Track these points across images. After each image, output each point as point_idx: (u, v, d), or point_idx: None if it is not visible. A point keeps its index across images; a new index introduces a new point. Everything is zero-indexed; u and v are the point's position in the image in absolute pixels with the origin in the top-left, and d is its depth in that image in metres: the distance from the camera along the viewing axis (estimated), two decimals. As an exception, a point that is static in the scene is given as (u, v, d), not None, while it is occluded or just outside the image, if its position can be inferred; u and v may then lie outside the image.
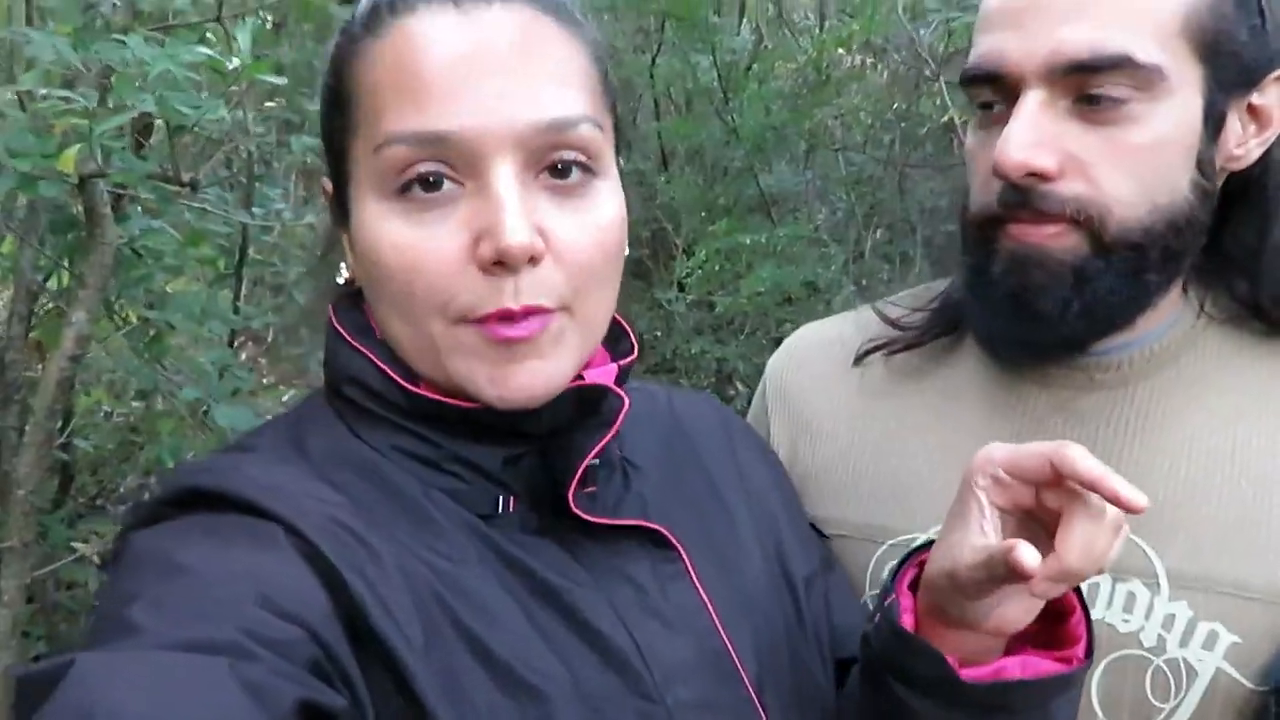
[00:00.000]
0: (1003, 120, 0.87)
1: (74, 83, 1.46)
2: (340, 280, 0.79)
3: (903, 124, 4.59)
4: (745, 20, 5.28)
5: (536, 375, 0.69)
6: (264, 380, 2.52)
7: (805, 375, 1.11)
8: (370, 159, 0.68)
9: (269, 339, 2.57)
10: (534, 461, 0.74)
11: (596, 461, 0.74)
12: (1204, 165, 0.88)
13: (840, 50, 4.77)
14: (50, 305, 2.04)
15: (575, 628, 0.71)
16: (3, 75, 1.32)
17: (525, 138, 0.67)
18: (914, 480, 1.00)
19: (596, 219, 0.71)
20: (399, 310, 0.70)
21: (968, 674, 0.72)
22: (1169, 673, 0.89)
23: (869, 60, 5.03)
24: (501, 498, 0.74)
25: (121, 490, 3.29)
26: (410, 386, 0.72)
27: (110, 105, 1.42)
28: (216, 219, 1.88)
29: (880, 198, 4.64)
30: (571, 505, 0.73)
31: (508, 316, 0.67)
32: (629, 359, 0.79)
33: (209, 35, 1.58)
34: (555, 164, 0.68)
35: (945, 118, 3.91)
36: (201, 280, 2.27)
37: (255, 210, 1.89)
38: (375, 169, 0.68)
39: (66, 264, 1.81)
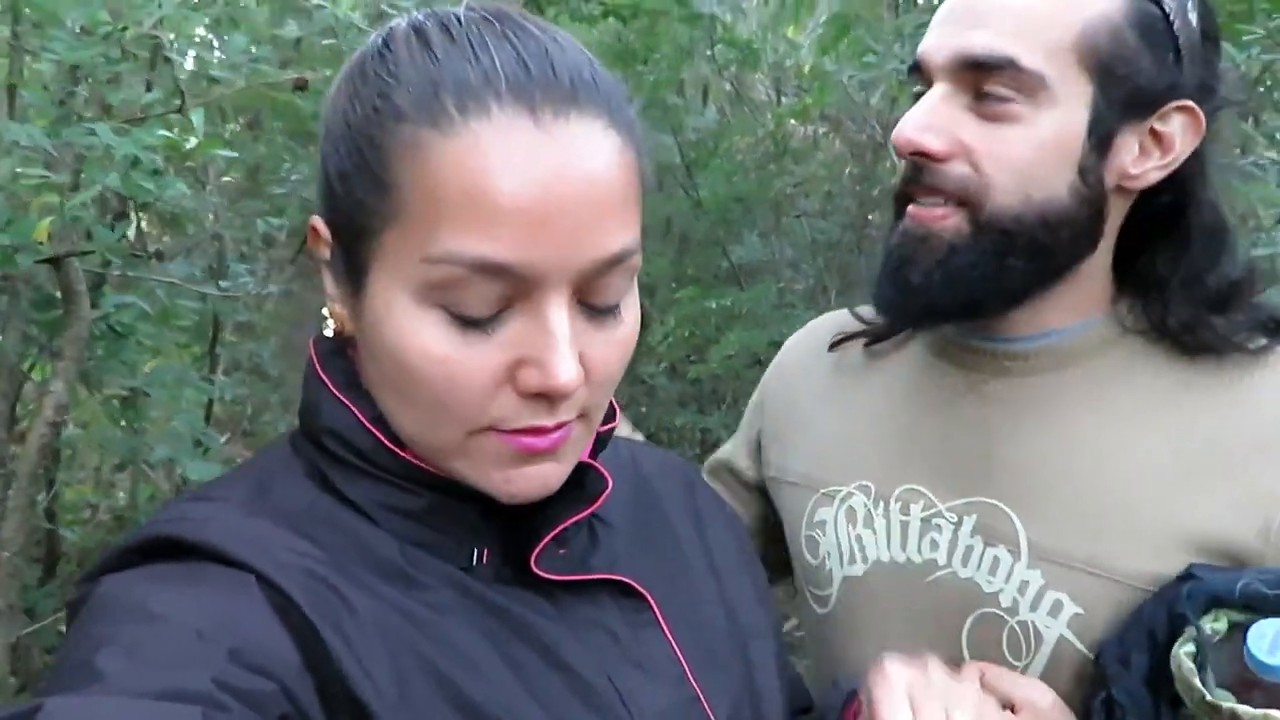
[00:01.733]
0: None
1: (52, 167, 1.64)
2: (327, 333, 0.76)
3: (858, 188, 4.80)
4: (708, 100, 5.55)
5: (549, 476, 0.71)
6: (239, 458, 2.66)
7: (799, 355, 1.27)
8: (417, 265, 0.64)
9: (245, 423, 2.72)
10: (506, 520, 0.75)
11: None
12: (1086, 174, 0.96)
13: (794, 122, 5.03)
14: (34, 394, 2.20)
15: (559, 673, 0.72)
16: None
17: (585, 272, 0.65)
18: (847, 440, 1.13)
19: (624, 334, 0.71)
20: (418, 411, 0.69)
21: None
22: (1020, 634, 0.98)
23: (824, 130, 5.28)
24: (476, 550, 0.74)
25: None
26: (399, 451, 0.72)
27: (81, 187, 1.61)
28: (187, 294, 2.05)
29: (845, 260, 4.82)
30: (534, 567, 0.74)
31: (539, 433, 0.68)
32: (609, 426, 0.80)
33: (172, 123, 1.77)
34: (600, 300, 0.68)
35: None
36: (180, 361, 2.44)
37: (223, 284, 2.06)
38: (420, 275, 0.64)
39: (46, 340, 1.97)
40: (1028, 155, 0.94)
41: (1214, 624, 0.87)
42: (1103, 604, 0.94)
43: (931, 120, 0.96)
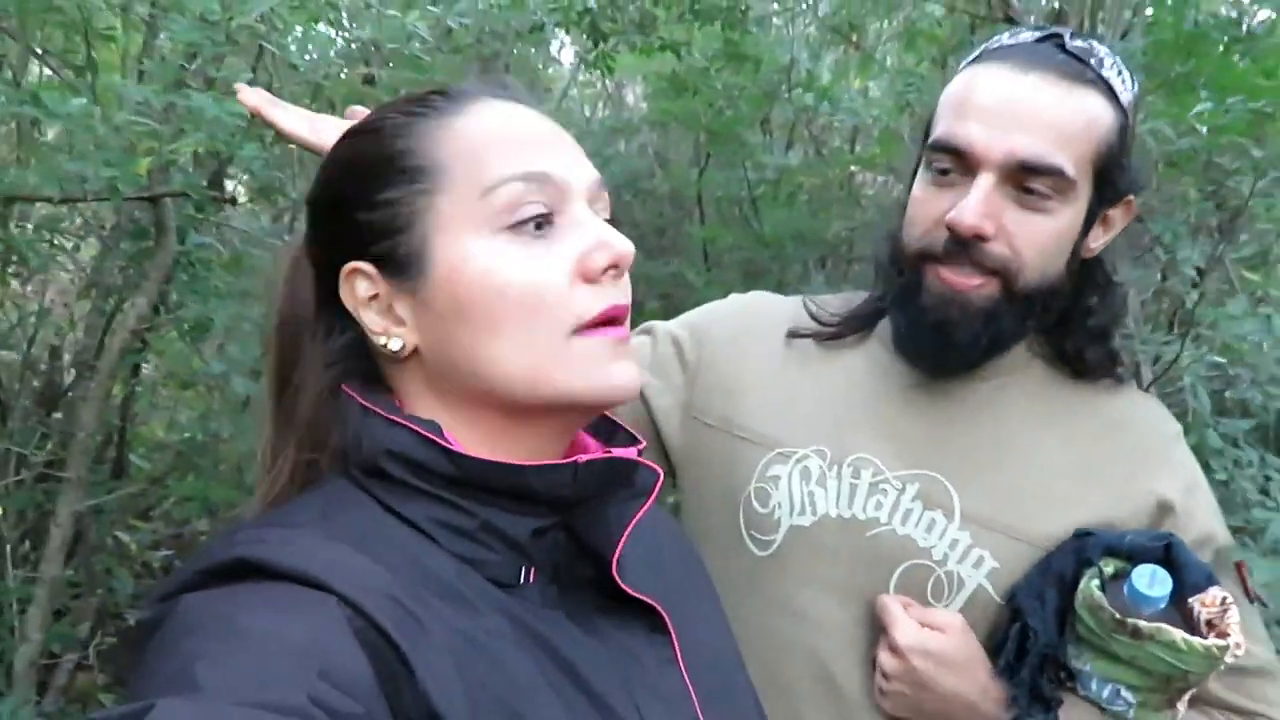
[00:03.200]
0: (953, 185, 1.16)
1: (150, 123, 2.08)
2: (394, 346, 0.81)
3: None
4: (793, 143, 5.86)
5: (635, 369, 0.81)
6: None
7: (760, 311, 1.41)
8: (475, 204, 0.77)
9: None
10: (559, 535, 0.80)
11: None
12: (1075, 252, 1.21)
13: (858, 169, 5.31)
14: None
15: (595, 705, 0.76)
16: (108, 113, 1.94)
17: (589, 186, 0.82)
18: (808, 409, 1.29)
19: None
20: (511, 330, 0.77)
21: None
22: (945, 581, 1.19)
23: (890, 179, 5.55)
24: (524, 569, 0.79)
25: (169, 502, 3.88)
26: (458, 447, 0.77)
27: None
28: (257, 245, 2.48)
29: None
30: (615, 574, 0.80)
31: (620, 314, 0.80)
32: (642, 444, 0.88)
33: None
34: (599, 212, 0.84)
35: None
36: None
37: (288, 238, 2.49)
38: (482, 210, 0.77)
39: (137, 267, 2.42)
40: (1053, 241, 1.16)
41: (1106, 568, 1.12)
42: (1015, 561, 1.18)
43: (988, 208, 1.12)
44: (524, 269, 0.77)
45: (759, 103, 4.75)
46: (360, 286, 0.81)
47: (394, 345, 0.81)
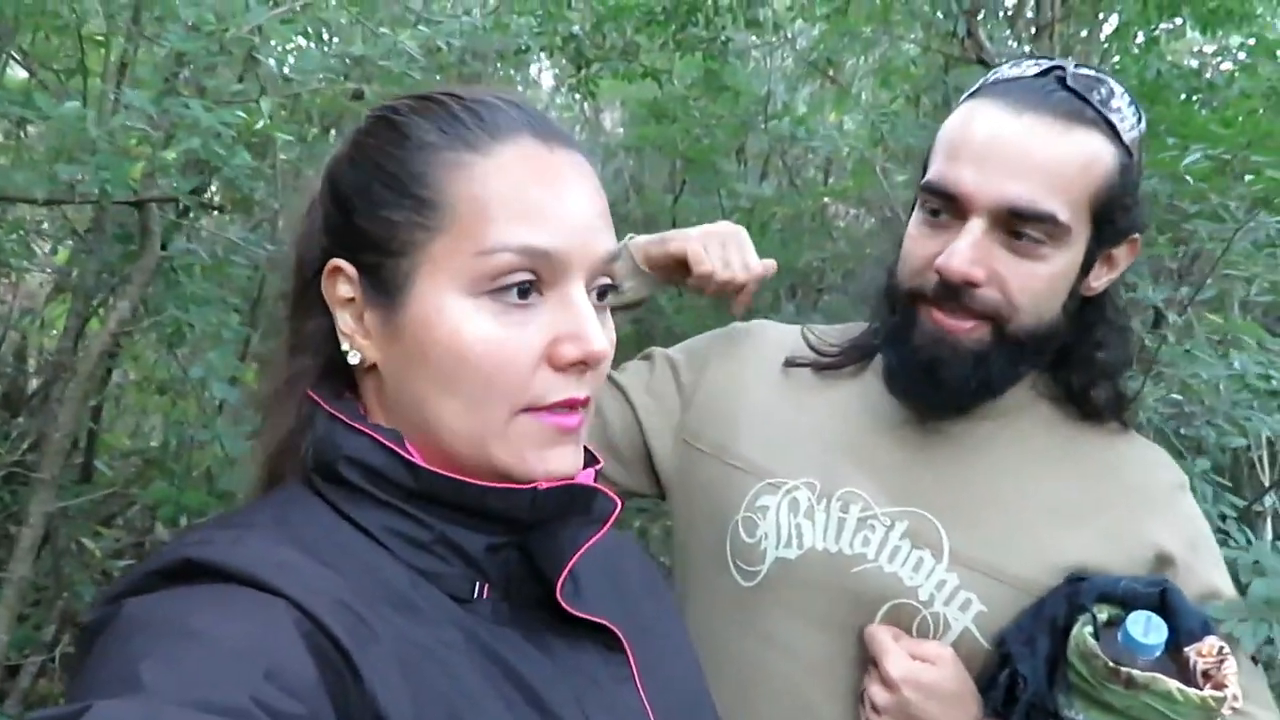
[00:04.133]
0: (945, 227, 1.15)
1: (146, 129, 2.12)
2: (352, 360, 0.81)
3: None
4: (767, 172, 5.97)
5: (574, 457, 0.80)
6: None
7: (761, 342, 1.39)
8: (468, 260, 0.75)
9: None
10: (513, 553, 0.80)
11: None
12: (1074, 293, 1.18)
13: (831, 200, 5.44)
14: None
15: (545, 718, 0.76)
16: (101, 119, 1.98)
17: (595, 263, 0.79)
18: (799, 441, 1.27)
19: (612, 335, 0.82)
20: (462, 395, 0.76)
21: None
22: (931, 622, 1.17)
23: (863, 211, 5.68)
24: (478, 584, 0.79)
25: (134, 510, 3.88)
26: (419, 461, 0.77)
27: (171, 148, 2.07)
28: (240, 255, 2.52)
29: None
30: (559, 597, 0.80)
31: (574, 406, 0.78)
32: (598, 465, 0.88)
33: (250, 110, 2.25)
34: (599, 290, 0.82)
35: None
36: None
37: (270, 247, 2.53)
38: (471, 269, 0.75)
39: (120, 270, 2.45)
40: (1046, 286, 1.15)
41: (1100, 614, 1.09)
42: (1002, 605, 1.15)
43: (977, 254, 1.11)
44: (492, 340, 0.75)
45: (735, 131, 4.86)
46: (341, 286, 0.81)
47: (353, 358, 0.81)
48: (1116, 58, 3.37)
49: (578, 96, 4.05)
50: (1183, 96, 2.76)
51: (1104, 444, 1.26)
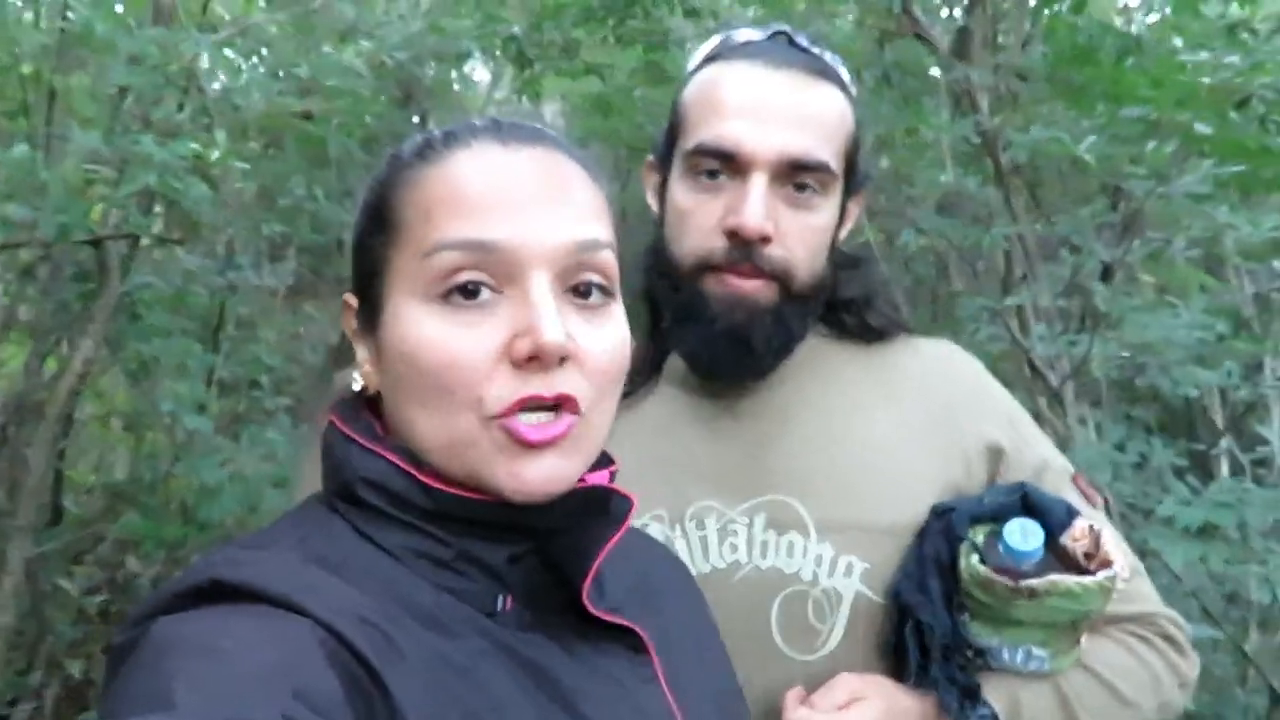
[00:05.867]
0: (722, 189, 1.13)
1: (98, 169, 2.14)
2: (355, 387, 0.83)
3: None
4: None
5: (555, 471, 0.75)
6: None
7: None
8: (417, 265, 0.75)
9: (240, 404, 3.20)
10: (533, 561, 0.79)
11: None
12: (833, 245, 1.21)
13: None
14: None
15: None
16: (47, 159, 1.99)
17: (559, 255, 0.75)
18: (627, 479, 1.24)
19: (612, 335, 0.79)
20: (429, 404, 0.75)
21: None
22: (824, 599, 1.15)
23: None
24: (501, 596, 0.78)
25: (104, 545, 3.87)
26: (432, 482, 0.76)
27: (124, 184, 2.09)
28: (200, 283, 2.54)
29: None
30: (585, 600, 0.79)
31: (538, 403, 0.74)
32: (614, 466, 0.87)
33: (200, 139, 2.26)
34: (579, 285, 0.77)
35: (862, 239, 4.60)
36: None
37: (229, 274, 2.55)
38: (421, 274, 0.75)
39: (80, 309, 2.46)
40: (819, 237, 1.16)
41: (976, 537, 1.11)
42: (882, 555, 1.16)
43: (766, 209, 1.11)
44: (439, 341, 0.74)
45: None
46: (350, 319, 0.84)
47: (356, 385, 0.83)
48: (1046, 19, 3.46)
49: (517, 94, 4.08)
50: (1114, 58, 2.86)
51: (898, 361, 1.28)
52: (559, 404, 0.74)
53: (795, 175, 1.12)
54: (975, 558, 1.09)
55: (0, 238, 2.10)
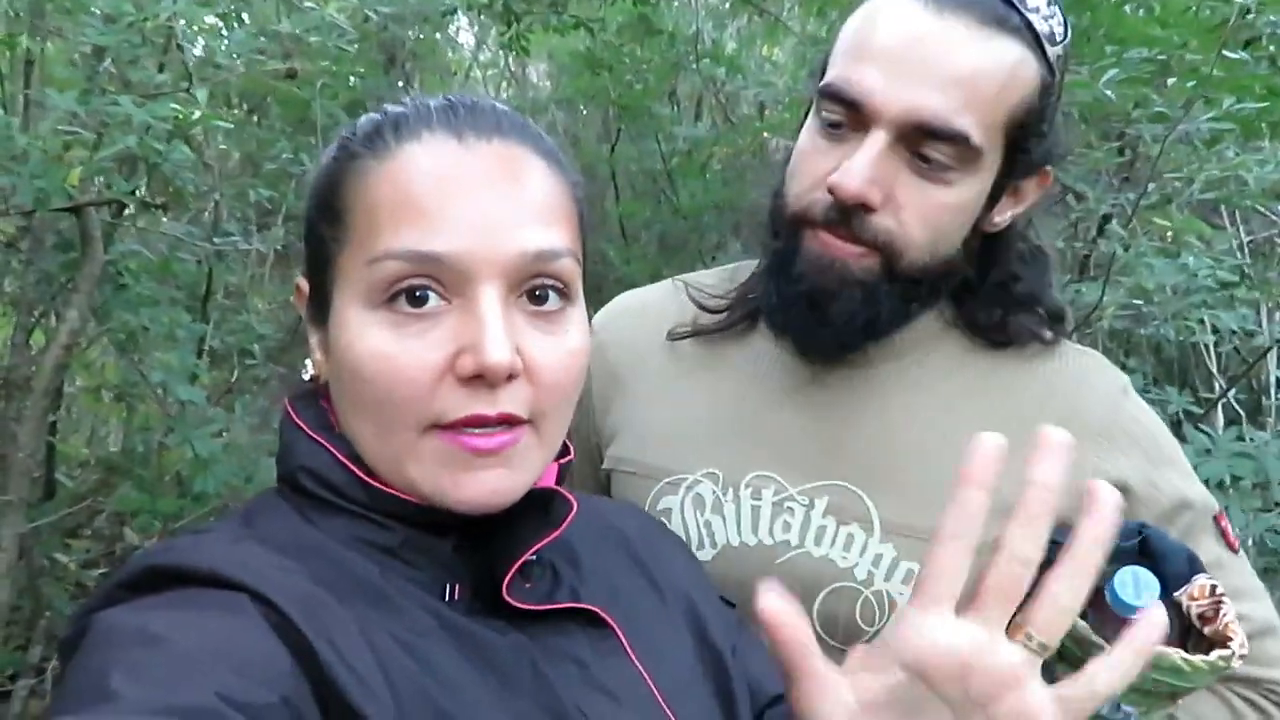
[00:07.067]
0: (843, 140, 1.01)
1: (79, 131, 2.06)
2: (305, 377, 0.82)
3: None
4: (702, 113, 5.94)
5: (500, 483, 0.74)
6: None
7: (623, 337, 1.25)
8: (362, 270, 0.73)
9: (231, 374, 3.15)
10: (477, 554, 0.78)
11: (534, 558, 0.79)
12: (976, 227, 1.07)
13: (769, 135, 5.44)
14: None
15: (530, 702, 0.74)
16: (25, 124, 1.92)
17: (511, 265, 0.72)
18: (690, 429, 1.16)
19: (568, 344, 0.76)
20: (370, 414, 0.74)
21: None
22: (875, 602, 1.06)
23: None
24: (448, 585, 0.78)
25: (101, 518, 3.83)
26: (371, 481, 0.76)
27: (103, 148, 2.02)
28: (186, 250, 2.47)
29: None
30: (505, 594, 0.77)
31: (481, 423, 0.72)
32: (567, 458, 0.85)
33: (181, 100, 2.19)
34: (534, 290, 0.74)
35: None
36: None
37: (216, 240, 2.48)
38: (366, 280, 0.72)
39: (64, 280, 2.39)
40: (948, 217, 1.03)
41: None
42: None
43: (876, 173, 0.98)
44: (382, 354, 0.72)
45: (666, 74, 4.81)
46: (302, 303, 0.83)
47: (305, 373, 0.82)
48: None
49: (503, 53, 3.99)
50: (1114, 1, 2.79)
51: (1029, 369, 1.14)
52: (501, 425, 0.73)
53: (923, 142, 0.99)
54: None
55: (-23, 207, 2.03)
